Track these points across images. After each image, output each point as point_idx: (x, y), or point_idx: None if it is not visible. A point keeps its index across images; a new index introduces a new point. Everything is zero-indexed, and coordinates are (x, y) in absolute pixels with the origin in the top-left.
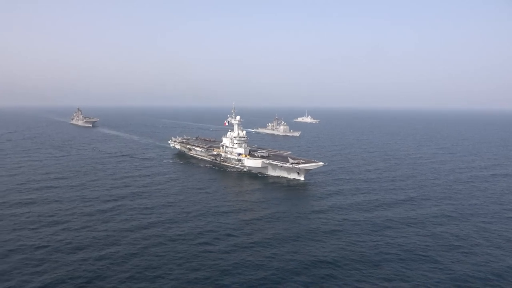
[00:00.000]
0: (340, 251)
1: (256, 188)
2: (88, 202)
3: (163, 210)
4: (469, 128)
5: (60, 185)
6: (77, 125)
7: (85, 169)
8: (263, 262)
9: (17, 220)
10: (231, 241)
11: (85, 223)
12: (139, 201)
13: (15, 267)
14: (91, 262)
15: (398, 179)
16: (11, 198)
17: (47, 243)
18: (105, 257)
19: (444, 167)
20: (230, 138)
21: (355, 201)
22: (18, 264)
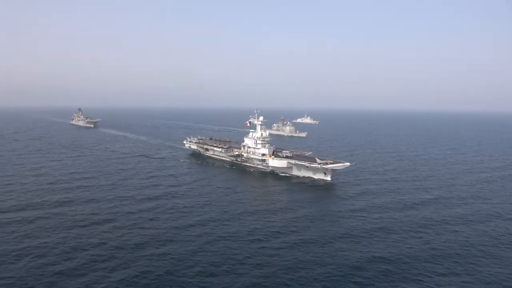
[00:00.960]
0: (389, 248)
1: (284, 188)
2: (125, 201)
3: (203, 210)
4: (466, 129)
5: (90, 184)
6: (78, 125)
7: (107, 169)
8: (320, 258)
9: (65, 218)
10: (281, 238)
11: (133, 222)
12: (174, 200)
13: (84, 263)
14: (156, 258)
15: (418, 179)
16: (48, 198)
17: (105, 240)
18: (168, 253)
19: (461, 167)
20: (253, 138)
21: (385, 201)
22: (86, 260)
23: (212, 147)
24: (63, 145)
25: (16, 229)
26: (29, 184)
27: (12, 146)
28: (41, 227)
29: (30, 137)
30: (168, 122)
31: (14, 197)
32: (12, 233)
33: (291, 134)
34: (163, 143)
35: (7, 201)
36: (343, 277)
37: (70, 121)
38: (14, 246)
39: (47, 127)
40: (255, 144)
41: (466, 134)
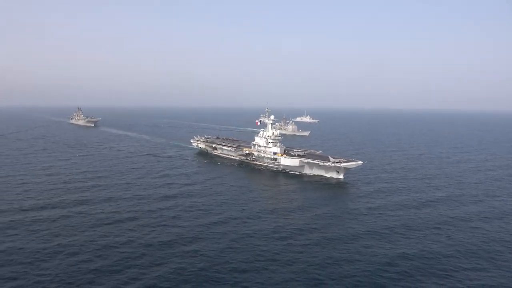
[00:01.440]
0: (413, 244)
1: (298, 187)
2: (143, 200)
3: (221, 208)
4: (464, 128)
5: (104, 183)
6: (78, 124)
7: (118, 168)
8: (348, 254)
9: (88, 217)
10: (304, 235)
11: (155, 220)
12: (192, 199)
13: (117, 260)
14: (187, 255)
15: (427, 177)
16: (65, 196)
17: (133, 238)
18: (197, 250)
19: (466, 165)
20: (264, 137)
21: (399, 198)
22: (118, 258)
23: (221, 146)
24: (67, 144)
25: (42, 228)
26: (43, 183)
27: (16, 145)
28: (66, 225)
29: (33, 137)
30: (170, 121)
31: (33, 196)
32: (39, 232)
33: (294, 133)
34: (167, 142)
35: (27, 200)
36: (373, 272)
37: (69, 121)
38: (43, 244)
39: (47, 127)
40: (266, 143)
41: (465, 133)
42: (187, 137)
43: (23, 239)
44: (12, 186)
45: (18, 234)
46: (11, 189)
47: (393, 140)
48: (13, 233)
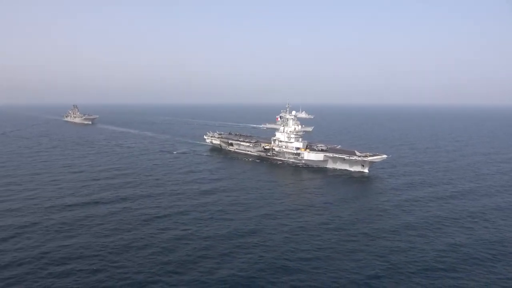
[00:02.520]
0: (462, 234)
1: (326, 181)
2: (181, 195)
3: (261, 202)
4: (460, 123)
5: (135, 180)
6: (74, 122)
7: (140, 164)
8: (407, 244)
9: (136, 212)
10: (354, 226)
11: (203, 214)
12: (227, 193)
13: (187, 252)
14: (254, 245)
15: (444, 170)
16: (103, 194)
17: (191, 231)
18: (260, 241)
19: (476, 158)
20: (286, 133)
21: (428, 191)
22: (187, 249)
23: (238, 142)
24: (74, 142)
25: (96, 223)
26: (73, 181)
27: (24, 143)
28: (119, 220)
29: (35, 135)
30: (166, 118)
31: (70, 193)
32: (96, 226)
33: None
34: (173, 138)
35: (66, 196)
36: (433, 259)
37: (64, 118)
38: (107, 238)
39: (44, 125)
40: (288, 138)
41: (461, 127)
42: (192, 134)
43: (83, 234)
44: (43, 183)
45: (76, 229)
46: (44, 186)
47: (396, 135)
48: (70, 228)
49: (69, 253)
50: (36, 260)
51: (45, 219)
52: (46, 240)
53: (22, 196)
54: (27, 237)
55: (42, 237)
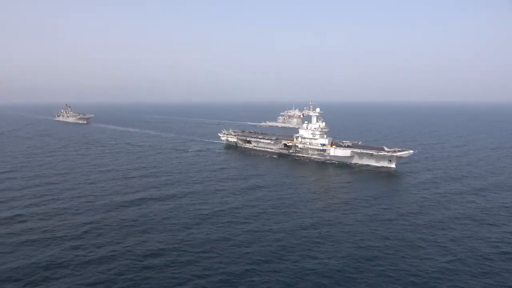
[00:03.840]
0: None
1: (359, 177)
2: (225, 191)
3: (308, 197)
4: (454, 120)
5: (168, 178)
6: (67, 122)
7: (165, 163)
8: (465, 235)
9: (193, 207)
10: (402, 220)
11: (256, 210)
12: (269, 189)
13: (268, 243)
14: (325, 237)
15: (465, 164)
16: (149, 193)
17: (260, 225)
18: (329, 235)
19: (492, 154)
20: (310, 129)
21: (460, 185)
22: (267, 241)
23: (258, 139)
24: (83, 141)
25: (160, 219)
26: (109, 180)
27: (31, 143)
28: (180, 216)
29: (36, 135)
30: (159, 117)
31: (115, 192)
32: (163, 222)
33: (298, 126)
34: (178, 136)
35: (114, 195)
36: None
37: (55, 118)
38: (180, 233)
39: (39, 124)
40: (312, 135)
41: (458, 124)
42: (196, 132)
43: (154, 229)
44: (80, 183)
45: (144, 225)
46: (84, 186)
47: (396, 131)
48: (138, 224)
49: (154, 246)
50: (124, 254)
51: (108, 216)
52: (124, 235)
53: (67, 196)
54: (100, 234)
55: (117, 233)
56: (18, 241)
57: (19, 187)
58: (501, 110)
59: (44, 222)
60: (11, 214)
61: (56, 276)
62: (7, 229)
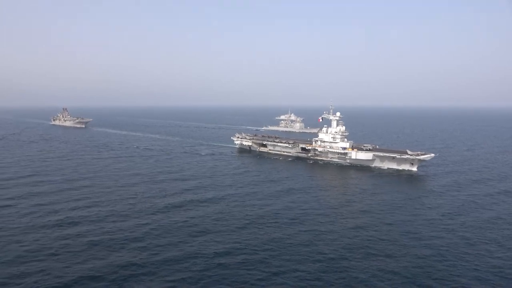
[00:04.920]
0: None
1: (384, 180)
2: (260, 194)
3: (342, 199)
4: (452, 125)
5: (202, 182)
6: (64, 126)
7: (187, 166)
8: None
9: (238, 211)
10: (440, 222)
11: (300, 213)
12: (303, 192)
13: (336, 245)
14: (372, 236)
15: (483, 167)
16: (186, 197)
17: (312, 227)
18: (375, 235)
19: (505, 158)
20: (330, 133)
21: (485, 187)
22: (331, 247)
23: (274, 143)
24: (93, 145)
25: (215, 220)
26: (137, 185)
27: (39, 147)
28: (232, 218)
29: (40, 139)
30: (150, 121)
31: (156, 195)
32: (220, 223)
33: (302, 131)
34: (184, 140)
35: (153, 198)
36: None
37: (51, 122)
38: (243, 231)
39: (36, 128)
40: (333, 138)
41: (456, 129)
42: (199, 136)
43: (214, 230)
44: (112, 186)
45: (202, 225)
46: (120, 189)
47: (400, 136)
48: (199, 225)
49: (220, 246)
50: (194, 254)
51: (158, 218)
52: (186, 236)
53: (106, 199)
54: (159, 235)
55: (176, 234)
56: (85, 242)
57: (53, 190)
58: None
59: (98, 225)
60: (61, 217)
61: (138, 273)
62: (66, 231)
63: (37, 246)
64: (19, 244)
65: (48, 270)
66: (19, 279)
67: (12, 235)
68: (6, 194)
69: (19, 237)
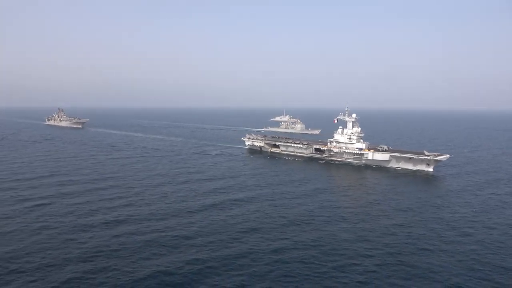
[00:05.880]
0: None
1: (403, 180)
2: (290, 194)
3: (369, 199)
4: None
5: (229, 183)
6: (60, 126)
7: (205, 168)
8: None
9: (274, 212)
10: (472, 223)
11: (330, 214)
12: (325, 195)
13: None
14: (404, 238)
15: (498, 169)
16: (219, 197)
17: (348, 227)
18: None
19: (500, 158)
20: (346, 134)
21: (500, 190)
22: (373, 245)
23: (288, 143)
24: (98, 146)
25: (254, 219)
26: (163, 186)
27: (45, 148)
28: (274, 217)
29: (42, 139)
30: (144, 122)
31: (184, 197)
32: (267, 223)
33: (303, 132)
34: (188, 140)
35: (186, 198)
36: None
37: (46, 122)
38: (289, 233)
39: (33, 128)
40: (349, 139)
41: (455, 131)
42: (205, 136)
43: (260, 230)
44: (137, 187)
45: (249, 225)
46: (146, 190)
47: (401, 137)
48: (241, 222)
49: (278, 243)
50: (256, 250)
51: (201, 218)
52: (240, 233)
53: (139, 199)
54: (210, 233)
55: (230, 233)
56: (139, 240)
57: (81, 190)
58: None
59: (144, 223)
60: (104, 216)
61: (204, 267)
62: (115, 230)
63: (95, 244)
64: (76, 242)
65: (116, 265)
66: (91, 274)
67: (63, 233)
68: (37, 193)
69: (71, 236)
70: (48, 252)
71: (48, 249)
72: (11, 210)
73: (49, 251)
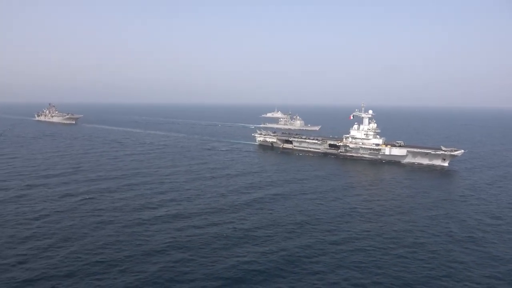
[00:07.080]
0: None
1: (422, 176)
2: (315, 190)
3: (395, 195)
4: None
5: (250, 179)
6: (52, 122)
7: (226, 164)
8: None
9: (295, 210)
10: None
11: (354, 212)
12: (353, 192)
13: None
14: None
15: (504, 165)
16: (252, 194)
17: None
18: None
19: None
20: (363, 130)
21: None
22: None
23: (301, 139)
24: (104, 142)
25: (284, 223)
26: (191, 182)
27: (47, 144)
28: (304, 220)
29: (41, 135)
30: (140, 118)
31: (219, 194)
32: (290, 225)
33: (302, 128)
34: (190, 136)
35: (232, 192)
36: None
37: (36, 118)
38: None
39: (24, 125)
40: (365, 135)
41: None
42: (205, 132)
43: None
44: (166, 183)
45: (297, 220)
46: (179, 186)
47: (405, 134)
48: (288, 215)
49: (340, 236)
50: (318, 241)
51: (247, 215)
52: (297, 227)
53: (186, 195)
54: (280, 226)
55: (294, 224)
56: (210, 233)
57: (114, 186)
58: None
59: (202, 217)
60: (160, 212)
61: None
62: (177, 224)
63: (162, 237)
64: (143, 235)
65: (193, 256)
66: (177, 263)
67: (127, 226)
68: (74, 189)
69: (135, 229)
70: (123, 243)
71: (121, 241)
72: (59, 205)
73: (124, 243)
